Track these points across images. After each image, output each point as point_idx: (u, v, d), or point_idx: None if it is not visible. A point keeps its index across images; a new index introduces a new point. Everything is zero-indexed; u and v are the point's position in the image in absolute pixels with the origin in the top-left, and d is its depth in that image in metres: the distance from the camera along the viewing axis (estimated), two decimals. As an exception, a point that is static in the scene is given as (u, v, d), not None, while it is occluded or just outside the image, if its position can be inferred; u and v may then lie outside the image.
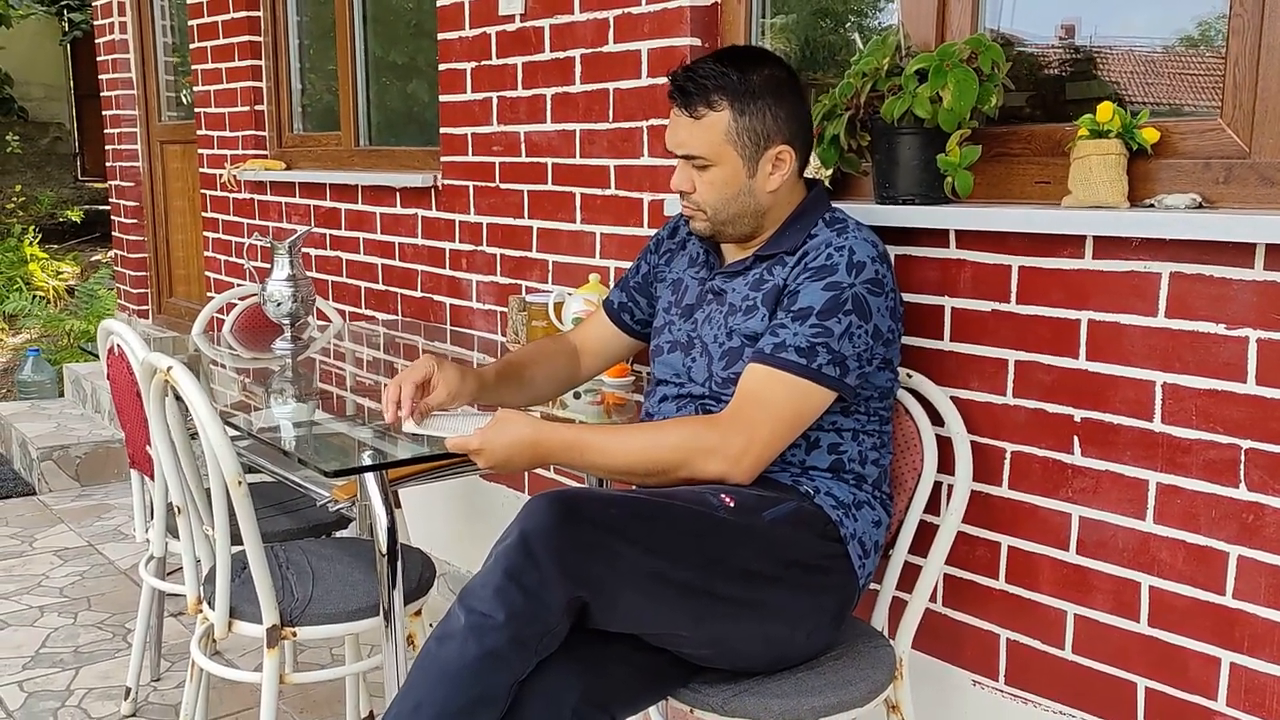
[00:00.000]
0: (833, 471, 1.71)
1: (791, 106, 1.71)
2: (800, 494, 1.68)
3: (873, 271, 1.62)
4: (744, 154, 1.69)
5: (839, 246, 1.63)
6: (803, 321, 1.60)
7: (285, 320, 2.74)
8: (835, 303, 1.60)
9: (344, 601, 1.94)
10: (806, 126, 1.75)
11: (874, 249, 1.65)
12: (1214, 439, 1.64)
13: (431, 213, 3.26)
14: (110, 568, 3.41)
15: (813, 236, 1.68)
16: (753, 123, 1.68)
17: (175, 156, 5.00)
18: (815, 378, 1.59)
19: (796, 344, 1.59)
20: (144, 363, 1.89)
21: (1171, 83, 1.89)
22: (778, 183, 1.71)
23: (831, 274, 1.61)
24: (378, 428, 2.10)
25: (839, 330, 1.59)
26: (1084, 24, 2.01)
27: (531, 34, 2.80)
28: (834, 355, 1.59)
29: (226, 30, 4.18)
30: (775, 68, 1.71)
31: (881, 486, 1.78)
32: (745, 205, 1.73)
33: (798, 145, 1.72)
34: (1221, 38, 1.78)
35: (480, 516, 3.19)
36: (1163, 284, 1.67)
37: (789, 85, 1.71)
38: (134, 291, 5.36)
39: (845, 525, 1.68)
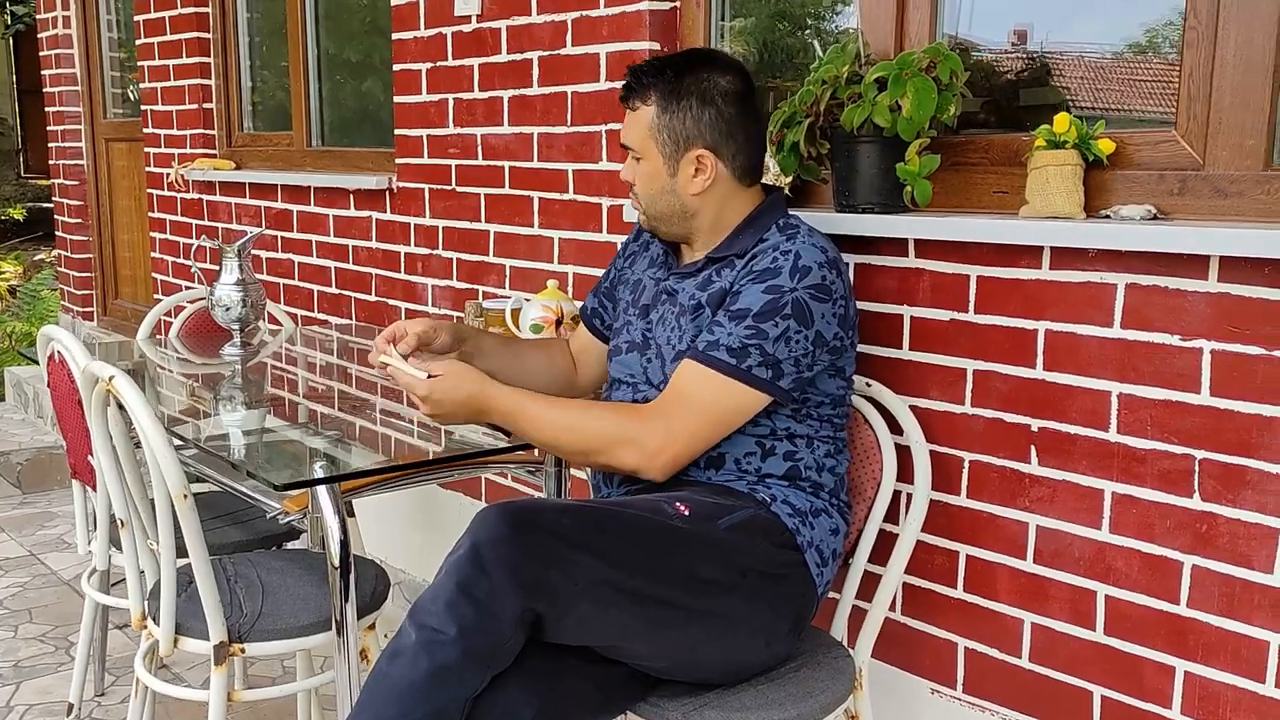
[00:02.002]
0: (789, 479, 1.70)
1: (719, 113, 1.68)
2: (757, 501, 1.67)
3: (818, 277, 1.60)
4: (664, 152, 1.70)
5: (785, 251, 1.62)
6: (738, 322, 1.59)
7: (234, 325, 2.68)
8: (773, 306, 1.58)
9: (295, 616, 1.90)
10: (737, 136, 1.70)
11: (823, 255, 1.63)
12: (1168, 449, 1.65)
13: (386, 215, 3.21)
14: (53, 579, 3.32)
15: (763, 240, 1.67)
16: (673, 122, 1.68)
17: (121, 154, 4.89)
18: (744, 379, 1.58)
19: (729, 344, 1.58)
20: (85, 371, 1.83)
21: (1121, 89, 1.91)
22: (700, 187, 1.70)
23: (774, 277, 1.60)
24: (331, 436, 2.06)
25: (774, 333, 1.57)
26: (1036, 30, 2.02)
27: (488, 35, 2.77)
28: (766, 358, 1.57)
29: (174, 26, 4.09)
30: (718, 74, 1.69)
31: (839, 494, 1.77)
32: (671, 205, 1.73)
33: (724, 153, 1.70)
34: (1169, 44, 1.79)
35: (436, 524, 3.14)
36: (1118, 295, 1.68)
37: (725, 93, 1.68)
38: (78, 293, 5.24)
39: (802, 533, 1.67)
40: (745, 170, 1.73)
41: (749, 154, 1.73)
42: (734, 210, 1.74)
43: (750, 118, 1.72)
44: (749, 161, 1.74)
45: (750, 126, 1.72)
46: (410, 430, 2.11)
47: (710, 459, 1.68)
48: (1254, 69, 1.61)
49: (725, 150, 1.70)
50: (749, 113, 1.72)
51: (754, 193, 1.76)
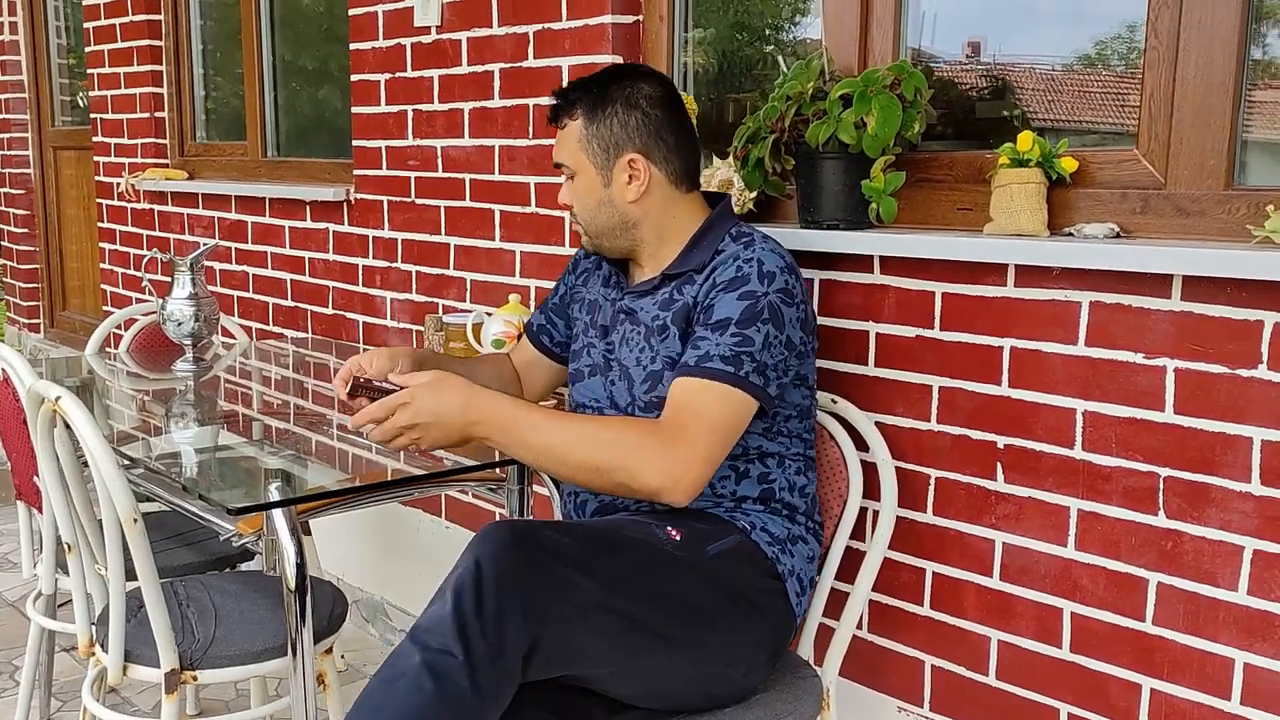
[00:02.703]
0: (764, 503, 1.68)
1: (645, 116, 1.67)
2: (738, 529, 1.65)
3: (783, 282, 1.60)
4: (596, 162, 1.69)
5: (747, 259, 1.61)
6: (723, 332, 1.56)
7: (186, 340, 2.62)
8: (752, 312, 1.56)
9: (249, 641, 1.85)
10: (666, 138, 1.69)
11: (781, 260, 1.62)
12: (1133, 466, 1.66)
13: (344, 227, 3.16)
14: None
15: (720, 252, 1.65)
16: (601, 130, 1.68)
17: (69, 163, 4.78)
18: (744, 386, 1.54)
19: (721, 353, 1.54)
20: (31, 391, 1.77)
21: (1073, 101, 1.92)
22: (635, 193, 1.68)
23: (745, 284, 1.58)
24: (287, 454, 2.01)
25: (759, 340, 1.55)
26: (991, 43, 2.04)
27: (448, 46, 2.74)
28: (757, 364, 1.55)
29: (125, 33, 4.01)
30: (641, 82, 1.70)
31: (813, 516, 1.76)
32: (611, 217, 1.71)
33: (656, 157, 1.68)
34: (1118, 57, 1.81)
35: (395, 541, 3.09)
36: (1083, 313, 1.69)
37: (649, 98, 1.68)
38: (24, 304, 5.11)
39: (782, 562, 1.65)
40: (680, 174, 1.71)
41: (682, 157, 1.71)
42: (677, 220, 1.72)
43: (678, 122, 1.71)
44: (683, 165, 1.72)
45: (679, 131, 1.71)
46: (368, 446, 2.07)
47: None
48: (1215, 89, 1.62)
49: (656, 153, 1.69)
50: (676, 117, 1.71)
51: (696, 202, 1.74)
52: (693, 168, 1.75)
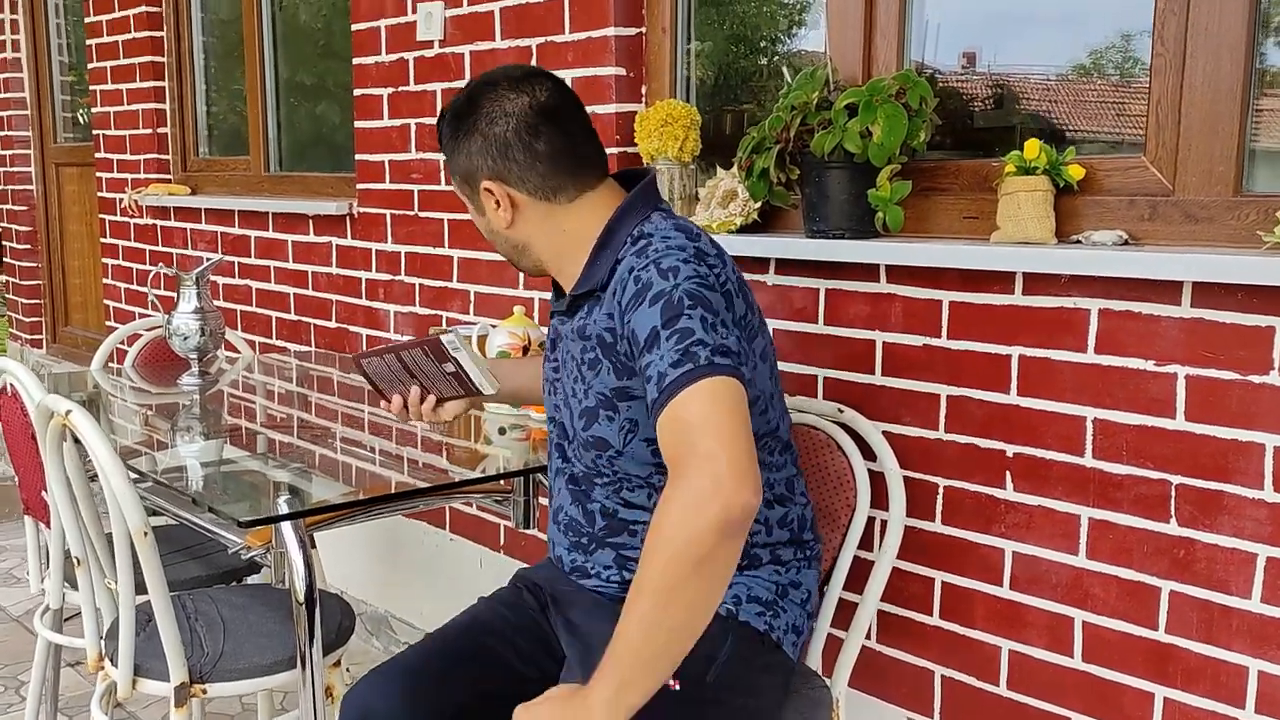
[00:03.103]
0: (742, 556, 1.47)
1: (487, 138, 1.49)
2: (723, 619, 1.47)
3: (691, 270, 1.38)
4: (466, 195, 1.57)
5: (643, 267, 1.40)
6: (656, 345, 1.33)
7: (192, 355, 2.61)
8: (670, 305, 1.34)
9: (258, 655, 1.84)
10: (514, 154, 1.49)
11: (681, 252, 1.40)
12: (1144, 474, 1.65)
13: (347, 241, 3.16)
14: (3, 615, 3.22)
15: (619, 262, 1.46)
16: (456, 165, 1.55)
17: (72, 179, 4.79)
18: (711, 371, 1.28)
19: (671, 361, 1.31)
20: (40, 405, 1.77)
21: (1070, 109, 1.93)
22: (505, 220, 1.51)
23: (649, 289, 1.37)
24: (294, 467, 2.01)
25: (696, 324, 1.32)
26: (986, 53, 2.04)
27: (451, 60, 2.74)
28: (711, 347, 1.31)
29: (127, 50, 4.02)
30: (476, 101, 1.51)
31: (803, 542, 1.60)
32: (503, 245, 1.58)
33: (510, 177, 1.49)
34: (1113, 66, 1.82)
35: (401, 553, 3.08)
36: (1092, 320, 1.69)
37: (490, 115, 1.49)
38: (26, 320, 5.11)
39: (776, 629, 1.53)
40: (546, 188, 1.50)
41: (540, 171, 1.49)
42: (569, 234, 1.52)
43: (531, 133, 1.48)
44: (543, 177, 1.49)
45: (535, 140, 1.48)
46: (372, 459, 2.07)
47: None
48: (1222, 95, 1.62)
49: (510, 174, 1.49)
50: (528, 127, 1.48)
51: (589, 207, 1.51)
52: (567, 173, 1.50)
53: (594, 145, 1.55)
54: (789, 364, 2.08)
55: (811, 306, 2.04)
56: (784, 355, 2.08)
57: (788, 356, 2.08)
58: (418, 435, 2.27)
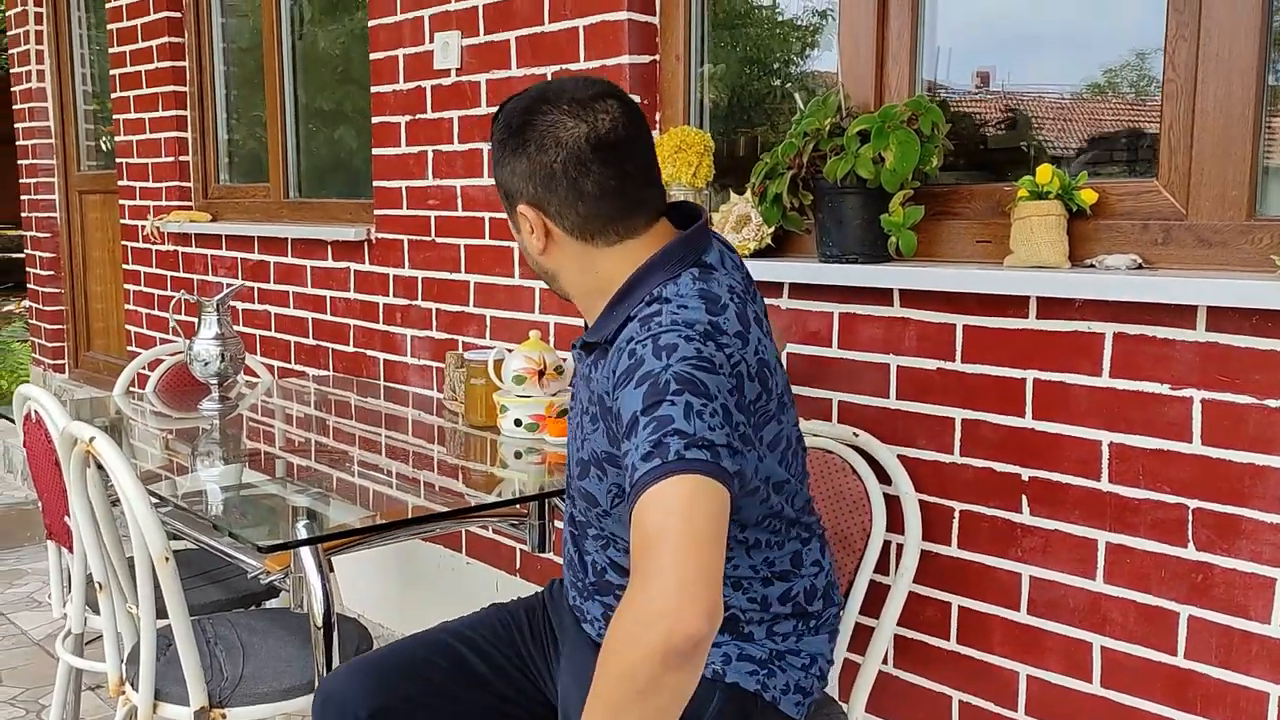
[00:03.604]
0: (734, 635, 1.45)
1: (531, 164, 1.38)
2: (708, 680, 1.40)
3: (691, 350, 1.26)
4: (505, 209, 1.47)
5: (641, 340, 1.30)
6: (634, 432, 1.23)
7: (213, 380, 2.64)
8: (655, 389, 1.24)
9: (277, 679, 1.85)
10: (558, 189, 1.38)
11: (688, 329, 1.28)
12: (1161, 498, 1.65)
13: (364, 266, 3.19)
14: (24, 639, 3.24)
15: (627, 322, 1.36)
16: (500, 172, 1.44)
17: (95, 206, 4.85)
18: (680, 469, 1.17)
19: (642, 452, 1.20)
20: (64, 432, 1.79)
21: (1086, 129, 1.94)
22: (539, 245, 1.42)
23: (639, 368, 1.27)
24: (313, 492, 2.02)
25: (677, 413, 1.21)
26: (1010, 74, 2.05)
27: (467, 88, 2.78)
28: (688, 438, 1.19)
29: (150, 80, 4.08)
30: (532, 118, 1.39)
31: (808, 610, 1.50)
32: (537, 267, 1.49)
33: (549, 209, 1.39)
34: (1128, 85, 1.82)
35: (416, 577, 3.09)
36: (1106, 344, 1.69)
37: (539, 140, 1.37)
38: (49, 345, 5.17)
39: (771, 688, 1.44)
40: (585, 229, 1.39)
41: (581, 211, 1.38)
42: (599, 276, 1.41)
43: (582, 168, 1.36)
44: (583, 218, 1.39)
45: (583, 179, 1.37)
46: (390, 483, 2.08)
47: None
48: (1234, 120, 1.63)
49: (549, 205, 1.39)
50: (580, 162, 1.36)
51: (626, 253, 1.40)
52: (609, 217, 1.39)
53: (648, 185, 1.43)
54: (803, 388, 2.08)
55: (825, 330, 2.05)
56: (798, 379, 2.08)
57: (802, 381, 2.08)
58: (434, 459, 2.29)
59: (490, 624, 1.68)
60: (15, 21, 5.02)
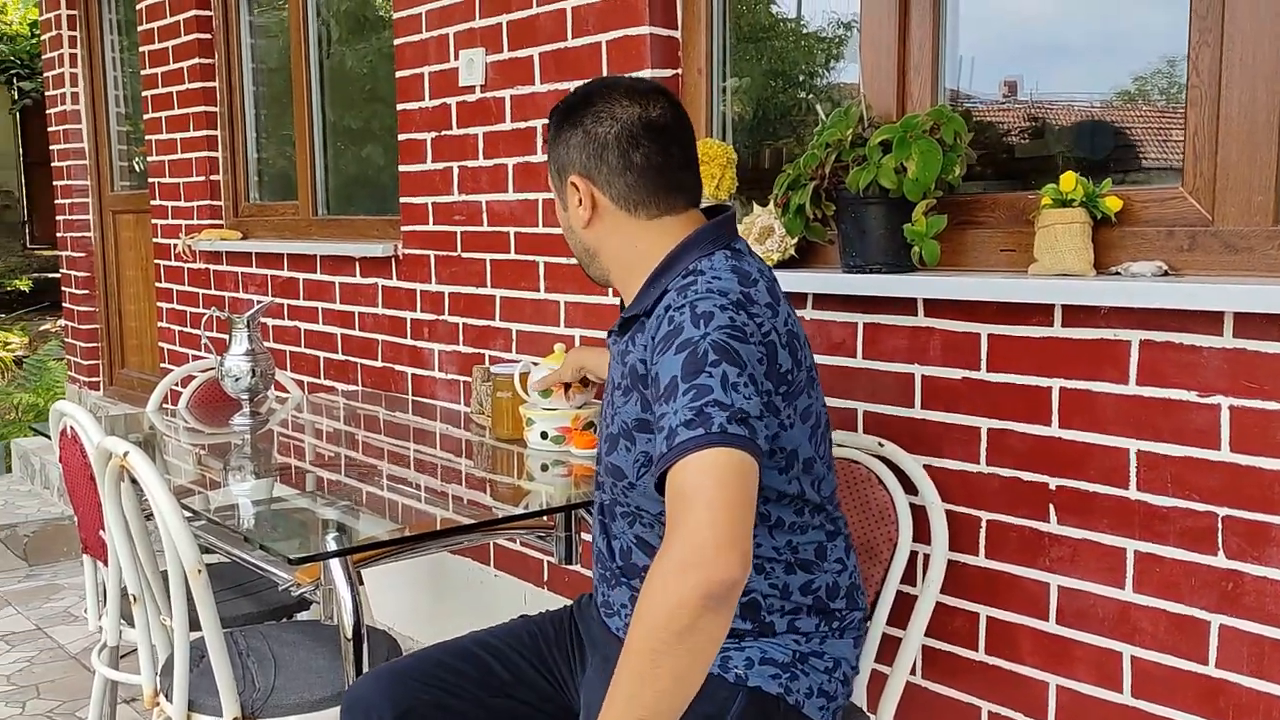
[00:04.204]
0: (752, 620, 1.47)
1: (589, 135, 1.49)
2: (730, 684, 1.44)
3: (725, 319, 1.34)
4: (555, 186, 1.58)
5: (678, 307, 1.38)
6: (672, 397, 1.30)
7: (244, 395, 2.68)
8: (694, 358, 1.31)
9: (308, 690, 1.87)
10: (609, 158, 1.49)
11: (722, 298, 1.37)
12: (1190, 506, 1.64)
13: (392, 282, 3.22)
14: (60, 653, 3.28)
15: (664, 295, 1.45)
16: (553, 152, 1.55)
17: (128, 226, 4.93)
18: (722, 441, 1.24)
19: (682, 420, 1.27)
20: (99, 447, 1.82)
21: (1114, 137, 1.93)
22: (584, 218, 1.52)
23: (678, 335, 1.35)
24: (342, 505, 2.05)
25: (715, 383, 1.28)
26: (1038, 82, 2.05)
27: (492, 104, 2.80)
28: (728, 410, 1.26)
29: (182, 101, 4.14)
30: (590, 98, 1.52)
31: (831, 608, 1.51)
32: (575, 244, 1.59)
33: (598, 178, 1.50)
34: (1158, 92, 1.82)
35: (444, 590, 3.11)
36: (1133, 351, 1.68)
37: (607, 116, 1.49)
38: (84, 363, 5.25)
39: (794, 691, 1.46)
40: (630, 199, 1.50)
41: (627, 181, 1.49)
42: (639, 251, 1.51)
43: (631, 142, 1.48)
44: (629, 188, 1.49)
45: (633, 150, 1.48)
46: (418, 496, 2.10)
47: None
48: (1259, 125, 1.62)
49: (599, 175, 1.50)
50: (631, 136, 1.48)
51: (664, 230, 1.50)
52: (653, 191, 1.50)
53: (690, 174, 1.54)
54: (828, 399, 2.08)
55: (850, 340, 2.05)
56: (823, 389, 2.08)
57: (827, 390, 2.09)
58: (462, 472, 2.31)
59: (517, 634, 1.70)
60: (50, 45, 5.12)
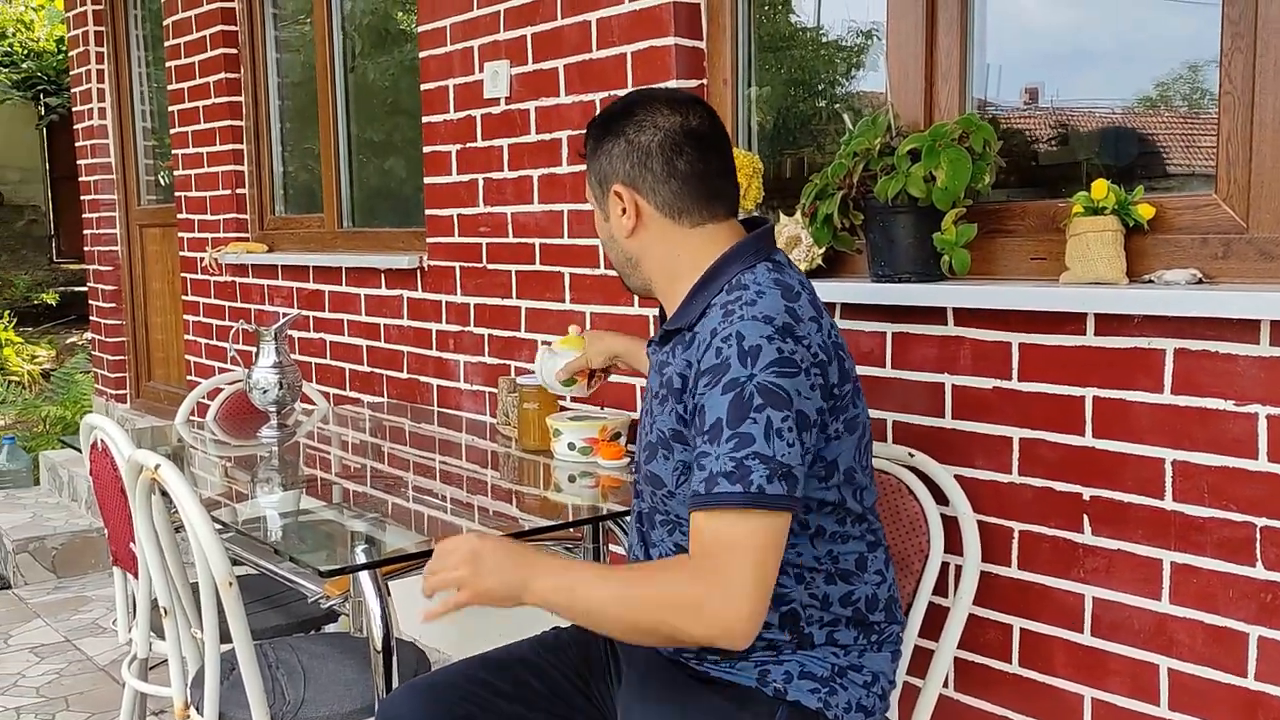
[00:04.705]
0: (791, 632, 1.47)
1: (632, 144, 1.50)
2: (769, 699, 1.45)
3: (773, 352, 1.35)
4: (596, 197, 1.58)
5: (725, 336, 1.38)
6: (717, 439, 1.34)
7: (271, 408, 2.69)
8: (740, 403, 1.33)
9: (338, 703, 1.87)
10: (653, 166, 1.50)
11: (768, 325, 1.37)
12: (1228, 517, 1.62)
13: (417, 294, 3.23)
14: (89, 665, 3.30)
15: (708, 309, 1.46)
16: (594, 164, 1.56)
17: (154, 239, 4.97)
18: (760, 504, 1.30)
19: (724, 469, 1.32)
20: (130, 460, 1.83)
21: (1139, 144, 1.92)
22: (627, 227, 1.53)
23: (725, 372, 1.36)
24: (370, 517, 2.05)
25: (759, 432, 1.32)
26: (1058, 90, 2.04)
27: (517, 116, 2.81)
28: (770, 466, 1.31)
29: (208, 115, 4.18)
30: (630, 109, 1.53)
31: (869, 620, 1.51)
32: (617, 255, 1.59)
33: (642, 186, 1.51)
34: (1180, 98, 1.80)
35: (471, 602, 3.11)
36: (1167, 360, 1.66)
37: (638, 123, 1.51)
38: (111, 376, 5.29)
39: (833, 706, 1.46)
40: (675, 206, 1.51)
41: (672, 188, 1.50)
42: (682, 260, 1.52)
43: (674, 150, 1.50)
44: (674, 195, 1.50)
45: (677, 158, 1.50)
46: (444, 508, 2.10)
47: None
48: (1293, 131, 1.61)
49: (643, 183, 1.51)
50: (674, 144, 1.50)
51: (708, 238, 1.52)
52: (695, 198, 1.52)
53: (729, 182, 1.55)
54: (857, 408, 2.07)
55: (879, 350, 2.04)
56: (852, 400, 2.07)
57: (856, 401, 2.07)
58: (488, 483, 2.31)
59: (551, 645, 1.69)
60: (77, 62, 5.18)
